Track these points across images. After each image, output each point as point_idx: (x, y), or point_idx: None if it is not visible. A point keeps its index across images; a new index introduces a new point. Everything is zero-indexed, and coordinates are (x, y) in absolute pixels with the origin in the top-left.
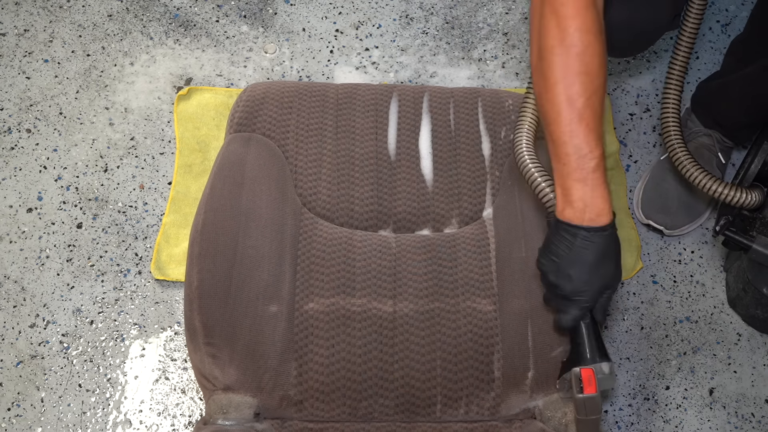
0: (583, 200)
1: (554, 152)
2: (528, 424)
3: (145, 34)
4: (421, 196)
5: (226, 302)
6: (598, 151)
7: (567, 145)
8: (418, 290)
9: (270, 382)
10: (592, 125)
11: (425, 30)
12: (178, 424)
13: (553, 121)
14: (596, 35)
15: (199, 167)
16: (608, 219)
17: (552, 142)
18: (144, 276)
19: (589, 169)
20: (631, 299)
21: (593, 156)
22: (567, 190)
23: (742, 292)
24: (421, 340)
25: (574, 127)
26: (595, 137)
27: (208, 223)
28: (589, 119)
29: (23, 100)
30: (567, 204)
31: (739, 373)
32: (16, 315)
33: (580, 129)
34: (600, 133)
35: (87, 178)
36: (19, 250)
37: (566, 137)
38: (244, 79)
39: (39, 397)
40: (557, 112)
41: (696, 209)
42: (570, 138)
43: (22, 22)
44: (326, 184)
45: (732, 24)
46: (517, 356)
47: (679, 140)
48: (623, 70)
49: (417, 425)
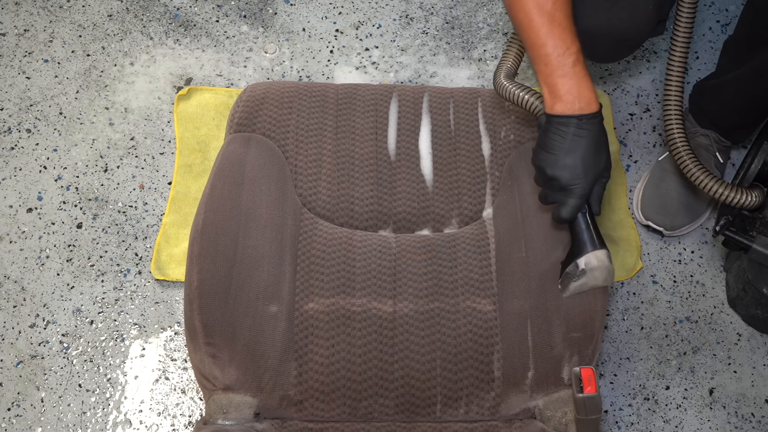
0: (571, 93)
1: (534, 56)
2: (528, 423)
3: (145, 34)
4: (421, 196)
5: (226, 302)
6: (575, 47)
7: (545, 47)
8: (418, 290)
9: (270, 382)
10: (564, 24)
11: (425, 30)
12: (178, 424)
13: (528, 27)
14: None
15: (199, 167)
16: (597, 106)
17: (530, 47)
18: (144, 276)
19: (570, 64)
20: (631, 299)
21: (570, 52)
22: (553, 87)
23: (742, 292)
24: (421, 340)
25: (547, 29)
26: (570, 35)
27: (208, 223)
28: (561, 19)
29: (23, 100)
30: (556, 99)
31: (739, 373)
32: (16, 315)
33: (554, 29)
34: (573, 31)
35: (87, 178)
36: (19, 250)
37: (543, 39)
38: (244, 79)
39: (39, 397)
40: (530, 19)
41: (696, 210)
42: (546, 39)
43: (22, 22)
44: (326, 184)
45: (732, 24)
46: (516, 356)
47: (683, 139)
48: (623, 70)
49: (417, 425)
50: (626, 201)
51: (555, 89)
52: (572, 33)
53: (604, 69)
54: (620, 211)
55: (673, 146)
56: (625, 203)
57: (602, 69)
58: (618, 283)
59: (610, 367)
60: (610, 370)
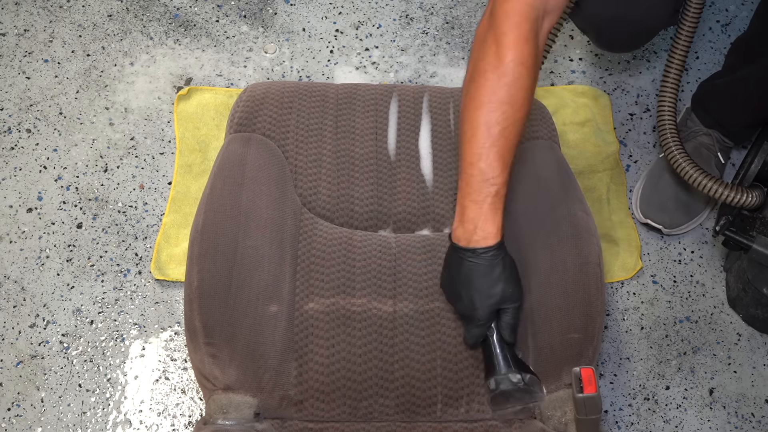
0: (473, 222)
1: (462, 171)
2: (528, 423)
3: (145, 34)
4: (421, 196)
5: (226, 302)
6: (502, 178)
7: (473, 167)
8: (418, 289)
9: (270, 382)
10: (503, 153)
11: (425, 30)
12: (178, 424)
13: (468, 141)
14: (529, 69)
15: (199, 167)
16: (495, 240)
17: (462, 160)
18: (144, 276)
19: (488, 193)
20: (631, 299)
21: (495, 182)
22: (463, 210)
23: (742, 292)
24: (422, 340)
25: (484, 151)
26: (502, 165)
27: (208, 223)
28: (501, 147)
29: (23, 100)
30: (460, 223)
31: (739, 373)
32: (16, 315)
33: (490, 154)
34: (509, 163)
35: (87, 178)
36: (19, 250)
37: (475, 159)
38: (244, 79)
39: (39, 397)
40: (473, 134)
41: (694, 208)
42: (478, 160)
43: (22, 22)
44: (326, 184)
45: (732, 24)
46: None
47: (676, 141)
48: (623, 70)
49: (417, 425)
50: (626, 201)
51: (463, 212)
52: (506, 164)
53: (605, 69)
54: (620, 211)
55: (667, 150)
56: (625, 203)
57: (602, 69)
58: (618, 283)
59: (610, 367)
60: (610, 370)
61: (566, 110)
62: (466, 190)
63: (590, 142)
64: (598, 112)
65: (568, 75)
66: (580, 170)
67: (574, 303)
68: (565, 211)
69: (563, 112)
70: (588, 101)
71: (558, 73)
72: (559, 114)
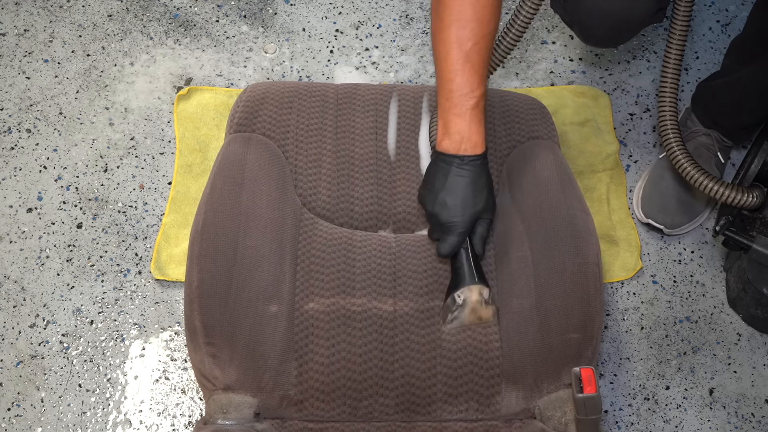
0: (459, 133)
1: (440, 88)
2: (528, 423)
3: (145, 34)
4: None
5: (227, 302)
6: (479, 91)
7: (452, 82)
8: (418, 288)
9: (270, 382)
10: (477, 67)
11: (425, 30)
12: (178, 424)
13: (443, 59)
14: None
15: (199, 167)
16: (481, 150)
17: (439, 78)
18: (144, 276)
19: (469, 105)
20: (631, 299)
21: (473, 95)
22: (447, 123)
23: (742, 292)
24: (422, 339)
25: (459, 67)
26: (478, 78)
27: (208, 223)
28: (475, 61)
29: (23, 100)
30: (446, 136)
31: (739, 373)
32: (16, 315)
33: (465, 69)
34: (484, 76)
35: (87, 178)
36: (19, 250)
37: (452, 75)
38: (244, 79)
39: (39, 397)
40: (447, 52)
41: (695, 208)
42: (455, 76)
43: (22, 22)
44: (326, 184)
45: (732, 24)
46: (516, 355)
47: (678, 141)
48: (623, 70)
49: (417, 425)
50: (626, 201)
51: (447, 126)
52: (482, 77)
53: (605, 69)
54: (620, 210)
55: (669, 149)
56: (625, 203)
57: (602, 69)
58: (618, 283)
59: (610, 367)
60: (610, 370)
61: (566, 110)
62: (446, 106)
63: (590, 142)
64: (598, 112)
65: (568, 75)
66: (580, 170)
67: (573, 303)
68: (565, 211)
69: (563, 112)
70: (588, 101)
71: (558, 73)
72: (559, 114)
